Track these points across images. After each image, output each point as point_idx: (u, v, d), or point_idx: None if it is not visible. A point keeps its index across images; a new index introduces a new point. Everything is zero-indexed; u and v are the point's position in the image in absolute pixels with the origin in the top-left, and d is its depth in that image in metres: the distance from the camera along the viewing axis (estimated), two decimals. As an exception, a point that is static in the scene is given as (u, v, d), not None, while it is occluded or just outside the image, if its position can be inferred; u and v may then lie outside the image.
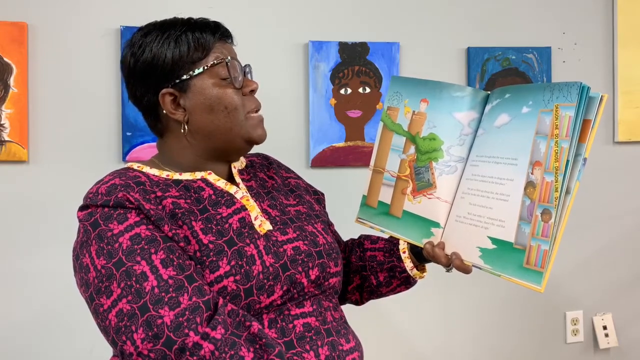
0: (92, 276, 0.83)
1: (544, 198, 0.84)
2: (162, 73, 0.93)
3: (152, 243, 0.84)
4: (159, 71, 0.93)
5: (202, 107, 0.94)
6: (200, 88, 0.93)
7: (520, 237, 0.86)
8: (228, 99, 0.94)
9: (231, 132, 0.95)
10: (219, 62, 0.94)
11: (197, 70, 0.93)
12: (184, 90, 0.94)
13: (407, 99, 1.04)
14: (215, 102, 0.93)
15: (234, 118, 0.94)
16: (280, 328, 0.89)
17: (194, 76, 0.93)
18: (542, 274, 0.83)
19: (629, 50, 1.95)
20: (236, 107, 0.94)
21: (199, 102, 0.93)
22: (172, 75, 0.93)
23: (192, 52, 0.93)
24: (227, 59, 0.94)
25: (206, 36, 0.94)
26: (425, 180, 0.99)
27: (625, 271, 2.00)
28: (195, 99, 0.94)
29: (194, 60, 0.93)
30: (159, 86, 0.94)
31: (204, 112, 0.94)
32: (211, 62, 0.93)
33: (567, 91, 0.83)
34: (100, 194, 0.87)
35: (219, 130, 0.94)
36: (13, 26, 1.59)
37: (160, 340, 0.77)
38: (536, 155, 0.86)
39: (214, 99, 0.93)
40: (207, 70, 0.93)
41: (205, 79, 0.93)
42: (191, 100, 0.94)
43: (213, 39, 0.95)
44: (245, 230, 0.91)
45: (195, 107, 0.94)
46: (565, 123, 0.83)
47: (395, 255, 1.07)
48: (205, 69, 0.93)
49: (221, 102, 0.93)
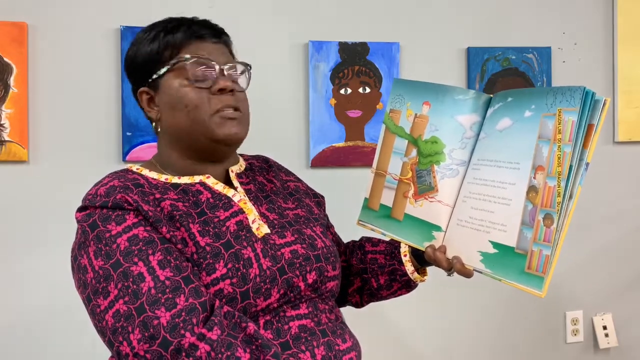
0: (90, 277, 0.83)
1: (547, 203, 0.83)
2: (139, 72, 0.97)
3: (149, 244, 0.84)
4: (137, 70, 0.98)
5: (168, 106, 0.95)
6: (166, 87, 0.95)
7: (522, 241, 0.85)
8: (188, 98, 0.93)
9: (193, 131, 0.94)
10: (179, 62, 0.94)
11: (163, 69, 0.94)
12: (156, 89, 0.96)
13: (409, 101, 1.03)
14: (177, 101, 0.94)
15: (195, 117, 0.93)
16: (276, 329, 0.88)
17: (161, 75, 0.95)
18: (543, 279, 0.83)
19: (629, 50, 1.95)
20: (196, 105, 0.93)
21: (166, 100, 0.95)
22: (146, 74, 0.96)
23: (162, 52, 0.94)
24: (185, 58, 0.93)
25: (176, 35, 0.95)
26: (427, 184, 0.99)
27: (625, 271, 2.00)
28: (163, 98, 0.96)
29: (163, 60, 0.95)
30: (139, 84, 0.98)
31: (169, 111, 0.95)
32: (173, 61, 0.94)
33: (570, 95, 0.82)
34: (99, 196, 0.87)
35: (183, 130, 0.95)
36: (13, 26, 1.59)
37: (157, 341, 0.77)
38: (539, 159, 0.85)
39: (175, 98, 0.94)
40: (171, 70, 0.94)
41: (172, 78, 0.94)
42: (161, 99, 0.96)
43: (183, 38, 0.95)
44: (243, 233, 0.91)
45: (164, 105, 0.96)
46: (568, 128, 0.82)
47: (396, 258, 1.07)
48: (169, 68, 0.94)
49: (182, 101, 0.93)
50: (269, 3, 1.76)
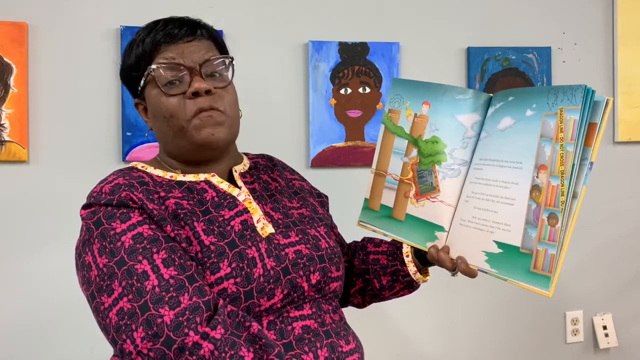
0: (94, 274, 0.83)
1: (550, 202, 0.83)
2: (128, 84, 0.99)
3: (154, 242, 0.84)
4: (126, 82, 1.00)
5: (152, 116, 0.96)
6: (148, 97, 0.96)
7: (527, 241, 0.85)
8: (164, 107, 0.93)
9: (176, 139, 0.94)
10: (148, 73, 0.93)
11: (141, 82, 0.95)
12: (144, 100, 0.98)
13: (408, 101, 1.03)
14: (157, 112, 0.94)
15: (174, 125, 0.92)
16: (279, 330, 0.88)
17: (142, 87, 0.96)
18: (549, 278, 0.83)
19: (629, 50, 1.95)
20: (172, 114, 0.92)
21: (150, 111, 0.97)
22: (134, 86, 0.98)
23: (138, 63, 0.94)
24: (150, 69, 0.92)
25: (145, 45, 0.93)
26: (429, 184, 0.98)
27: (625, 271, 2.00)
28: (149, 109, 0.97)
29: (141, 71, 0.95)
30: (134, 95, 1.00)
31: (155, 121, 0.96)
32: (146, 72, 0.93)
33: (572, 94, 0.83)
34: (104, 193, 0.87)
35: (167, 138, 0.96)
36: (13, 26, 1.58)
37: (160, 340, 0.77)
38: (541, 158, 0.85)
39: (156, 109, 0.94)
40: (147, 82, 0.94)
41: (151, 89, 0.95)
42: (149, 110, 0.97)
43: (152, 45, 0.93)
44: (247, 233, 0.91)
45: (151, 116, 0.97)
46: (570, 126, 0.82)
47: (398, 258, 1.07)
48: (145, 81, 0.94)
49: (159, 111, 0.94)
50: (269, 3, 1.76)
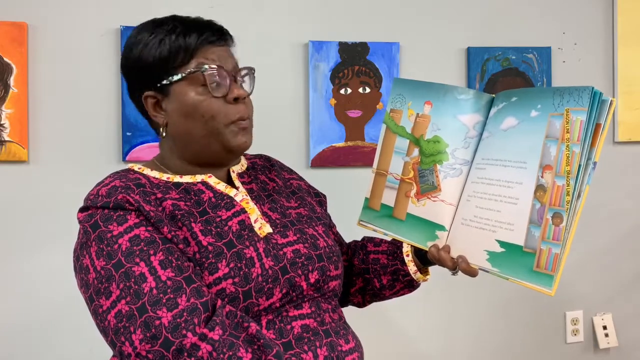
0: (92, 277, 0.83)
1: (555, 202, 0.84)
2: (145, 75, 0.93)
3: (151, 244, 0.84)
4: (143, 73, 0.93)
5: (179, 113, 0.93)
6: (179, 94, 0.92)
7: (530, 240, 0.85)
8: (205, 107, 0.92)
9: (207, 140, 0.93)
10: (196, 71, 0.91)
11: (176, 76, 0.92)
12: (165, 94, 0.93)
13: (410, 101, 1.03)
14: (192, 110, 0.92)
15: (211, 126, 0.92)
16: (278, 329, 0.88)
17: (173, 82, 0.92)
18: (552, 277, 0.83)
19: (629, 50, 1.95)
20: (213, 115, 0.92)
21: (177, 107, 0.93)
22: (154, 78, 0.93)
23: (173, 57, 0.91)
24: (203, 68, 0.91)
25: (189, 40, 0.92)
26: (430, 183, 0.99)
27: (625, 271, 2.00)
28: (174, 104, 0.93)
29: (175, 66, 0.92)
30: (143, 88, 0.94)
31: (181, 118, 0.93)
32: (189, 70, 0.91)
33: (578, 95, 0.83)
34: (100, 196, 0.87)
35: (195, 138, 0.93)
36: (13, 26, 1.58)
37: (158, 341, 0.77)
38: (546, 158, 0.85)
39: (191, 107, 0.92)
40: (185, 78, 0.92)
41: (184, 86, 0.92)
42: (171, 105, 0.93)
43: (196, 43, 0.92)
44: (245, 233, 0.91)
45: (174, 112, 0.93)
46: (577, 127, 0.82)
47: (398, 258, 1.07)
48: (184, 76, 0.91)
49: (197, 110, 0.92)
50: (269, 3, 1.76)
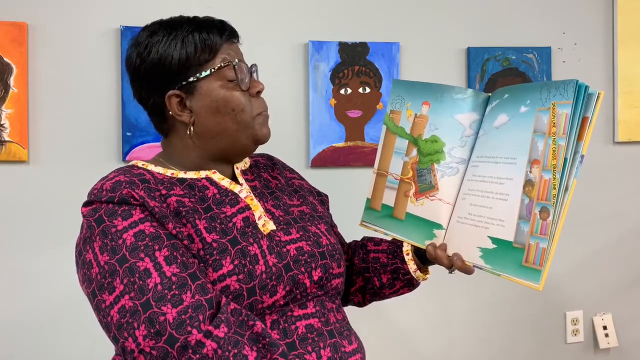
0: (95, 272, 0.82)
1: (542, 196, 0.84)
2: (169, 74, 0.93)
3: (156, 240, 0.83)
4: (166, 72, 0.93)
5: (208, 109, 0.93)
6: (207, 90, 0.93)
7: (520, 235, 0.86)
8: (235, 101, 0.94)
9: (238, 134, 0.95)
10: (226, 65, 0.93)
11: (204, 72, 0.92)
12: (190, 92, 0.93)
13: (409, 102, 1.04)
14: (222, 105, 0.93)
15: (241, 120, 0.94)
16: (283, 329, 0.88)
17: (200, 78, 0.93)
18: (540, 272, 0.83)
19: (629, 50, 1.95)
20: (243, 109, 0.94)
21: (206, 104, 0.93)
22: (179, 76, 0.93)
23: (199, 54, 0.92)
24: (234, 62, 0.94)
25: (213, 37, 0.93)
26: (428, 182, 0.99)
27: (625, 271, 2.00)
28: (202, 101, 0.93)
29: (201, 62, 0.92)
30: (166, 87, 0.93)
31: (210, 114, 0.93)
32: (218, 64, 0.93)
33: (564, 89, 0.84)
34: (104, 190, 0.87)
35: (226, 132, 0.94)
36: (13, 26, 1.59)
37: (163, 338, 0.77)
38: (534, 153, 0.86)
39: (221, 102, 0.93)
40: (214, 73, 0.93)
41: (212, 82, 0.93)
42: (198, 102, 0.93)
43: (220, 40, 0.94)
44: (249, 230, 0.91)
45: (202, 109, 0.93)
46: (562, 121, 0.83)
47: (398, 257, 1.07)
48: (213, 71, 0.93)
49: (228, 104, 0.93)
50: (269, 3, 1.76)
